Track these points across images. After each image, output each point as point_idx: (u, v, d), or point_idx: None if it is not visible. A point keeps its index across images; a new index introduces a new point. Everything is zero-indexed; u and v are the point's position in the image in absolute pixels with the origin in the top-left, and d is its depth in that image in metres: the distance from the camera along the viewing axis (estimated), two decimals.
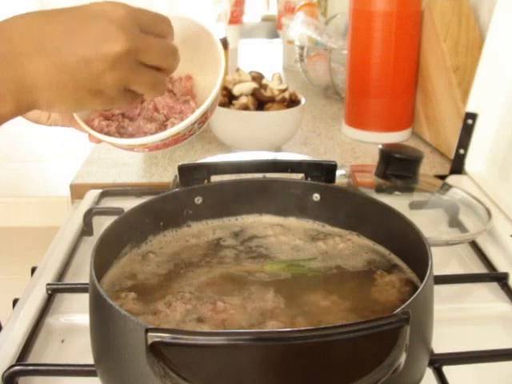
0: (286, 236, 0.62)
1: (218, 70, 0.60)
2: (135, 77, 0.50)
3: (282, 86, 1.03)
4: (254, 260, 0.59)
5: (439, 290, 0.52)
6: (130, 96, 0.53)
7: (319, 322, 0.49)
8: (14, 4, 2.22)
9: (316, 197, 0.64)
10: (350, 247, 0.60)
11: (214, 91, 0.58)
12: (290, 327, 0.48)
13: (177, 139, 0.59)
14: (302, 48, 1.41)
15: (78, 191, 0.92)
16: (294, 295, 0.53)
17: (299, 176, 0.65)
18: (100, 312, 0.46)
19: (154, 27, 0.52)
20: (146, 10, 0.52)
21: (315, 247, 0.61)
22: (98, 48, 0.48)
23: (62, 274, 0.69)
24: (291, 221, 0.65)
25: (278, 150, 1.05)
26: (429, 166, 1.01)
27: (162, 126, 0.62)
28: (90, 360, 0.49)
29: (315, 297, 0.53)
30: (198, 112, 0.58)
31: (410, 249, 0.55)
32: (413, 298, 0.44)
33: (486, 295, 0.67)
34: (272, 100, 1.01)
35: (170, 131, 0.58)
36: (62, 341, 0.60)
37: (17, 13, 0.49)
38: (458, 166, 0.96)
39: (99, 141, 0.60)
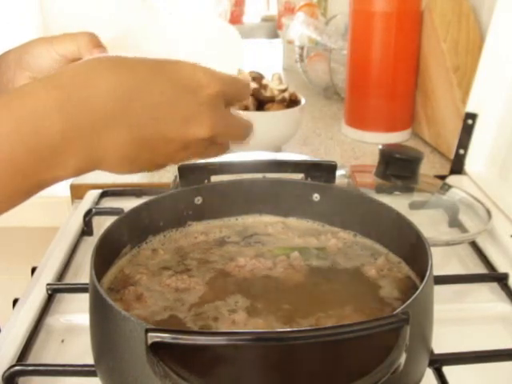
0: (285, 235, 0.63)
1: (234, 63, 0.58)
2: (203, 152, 0.51)
3: (282, 86, 1.03)
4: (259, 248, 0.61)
5: (439, 290, 0.52)
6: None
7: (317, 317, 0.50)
8: (14, 3, 2.22)
9: (316, 197, 0.64)
10: (348, 247, 0.60)
11: None
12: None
13: None
14: (301, 48, 1.41)
15: (78, 191, 0.92)
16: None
17: (299, 176, 0.65)
18: (100, 312, 0.46)
19: (238, 97, 0.53)
20: (234, 79, 0.51)
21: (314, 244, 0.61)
22: (182, 130, 0.46)
23: (61, 274, 0.69)
24: (291, 221, 0.65)
25: (278, 150, 1.05)
26: (429, 166, 1.01)
27: None
28: (90, 360, 0.49)
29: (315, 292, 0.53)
30: None
31: (410, 249, 0.55)
32: (413, 298, 0.44)
33: (486, 295, 0.67)
34: (272, 100, 1.01)
35: None
36: (62, 341, 0.60)
37: (17, 13, 0.48)
38: (457, 166, 0.96)
39: None
